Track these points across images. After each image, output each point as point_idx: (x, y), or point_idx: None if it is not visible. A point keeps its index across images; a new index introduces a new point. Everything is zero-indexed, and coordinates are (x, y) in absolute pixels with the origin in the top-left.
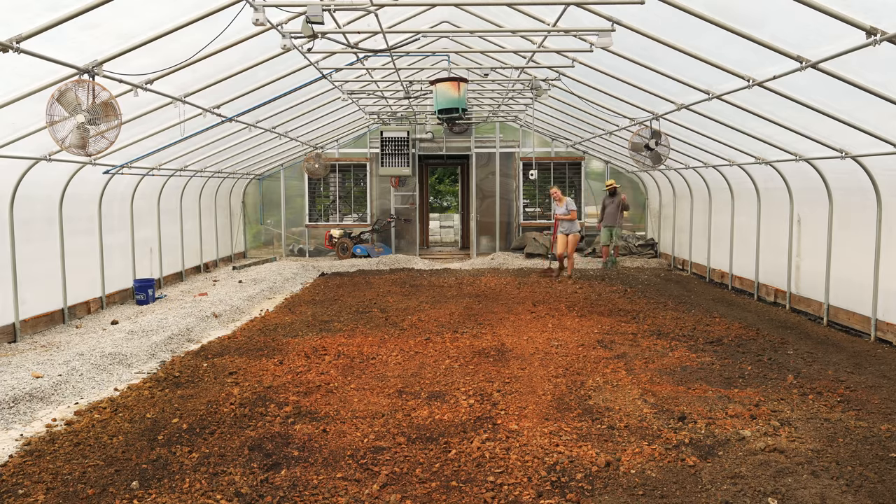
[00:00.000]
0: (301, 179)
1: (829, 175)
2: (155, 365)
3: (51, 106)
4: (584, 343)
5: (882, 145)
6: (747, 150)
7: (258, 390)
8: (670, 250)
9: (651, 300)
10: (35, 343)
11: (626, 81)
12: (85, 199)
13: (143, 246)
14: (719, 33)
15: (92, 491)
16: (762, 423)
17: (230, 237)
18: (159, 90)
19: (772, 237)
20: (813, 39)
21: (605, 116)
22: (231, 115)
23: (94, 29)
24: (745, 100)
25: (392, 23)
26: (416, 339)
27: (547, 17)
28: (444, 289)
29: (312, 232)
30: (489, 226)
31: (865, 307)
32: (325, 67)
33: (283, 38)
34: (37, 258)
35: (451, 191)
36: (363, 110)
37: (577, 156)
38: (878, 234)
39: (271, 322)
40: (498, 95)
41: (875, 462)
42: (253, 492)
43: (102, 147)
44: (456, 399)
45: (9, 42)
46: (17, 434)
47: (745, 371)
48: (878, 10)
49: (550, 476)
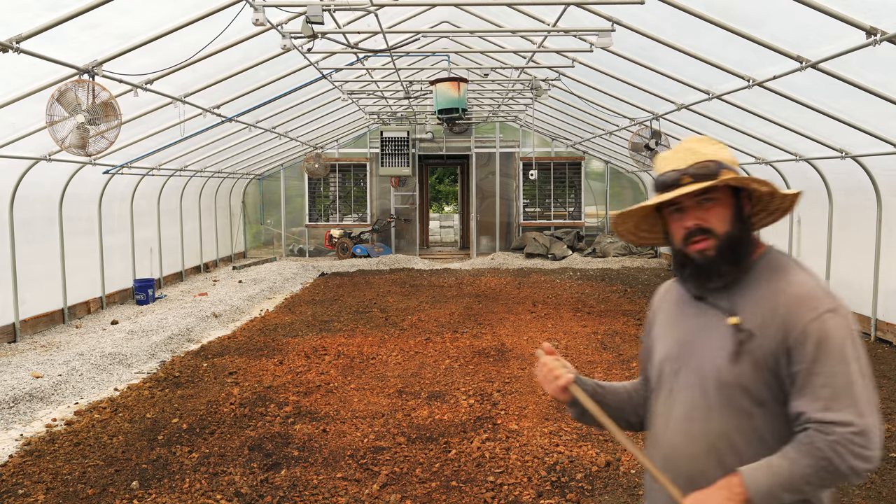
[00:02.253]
0: (301, 179)
1: (829, 175)
2: (155, 365)
3: (51, 106)
4: (585, 343)
5: (882, 145)
6: (747, 150)
7: (258, 390)
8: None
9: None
10: (35, 343)
11: (626, 81)
12: (85, 199)
13: (143, 246)
14: (719, 33)
15: (92, 491)
16: None
17: (230, 237)
18: (159, 90)
19: (772, 237)
20: (813, 39)
21: (605, 116)
22: (231, 115)
23: (94, 29)
24: (745, 100)
25: (392, 23)
26: (416, 339)
27: (547, 17)
28: (444, 289)
29: (312, 232)
30: (489, 226)
31: (865, 307)
32: (325, 67)
33: (283, 38)
34: (37, 258)
35: (451, 191)
36: (363, 110)
37: (577, 156)
38: (878, 234)
39: (271, 322)
40: (498, 95)
41: None
42: (253, 492)
43: (102, 147)
44: (456, 399)
45: (9, 42)
46: (17, 434)
47: None
48: (878, 10)
49: (550, 476)
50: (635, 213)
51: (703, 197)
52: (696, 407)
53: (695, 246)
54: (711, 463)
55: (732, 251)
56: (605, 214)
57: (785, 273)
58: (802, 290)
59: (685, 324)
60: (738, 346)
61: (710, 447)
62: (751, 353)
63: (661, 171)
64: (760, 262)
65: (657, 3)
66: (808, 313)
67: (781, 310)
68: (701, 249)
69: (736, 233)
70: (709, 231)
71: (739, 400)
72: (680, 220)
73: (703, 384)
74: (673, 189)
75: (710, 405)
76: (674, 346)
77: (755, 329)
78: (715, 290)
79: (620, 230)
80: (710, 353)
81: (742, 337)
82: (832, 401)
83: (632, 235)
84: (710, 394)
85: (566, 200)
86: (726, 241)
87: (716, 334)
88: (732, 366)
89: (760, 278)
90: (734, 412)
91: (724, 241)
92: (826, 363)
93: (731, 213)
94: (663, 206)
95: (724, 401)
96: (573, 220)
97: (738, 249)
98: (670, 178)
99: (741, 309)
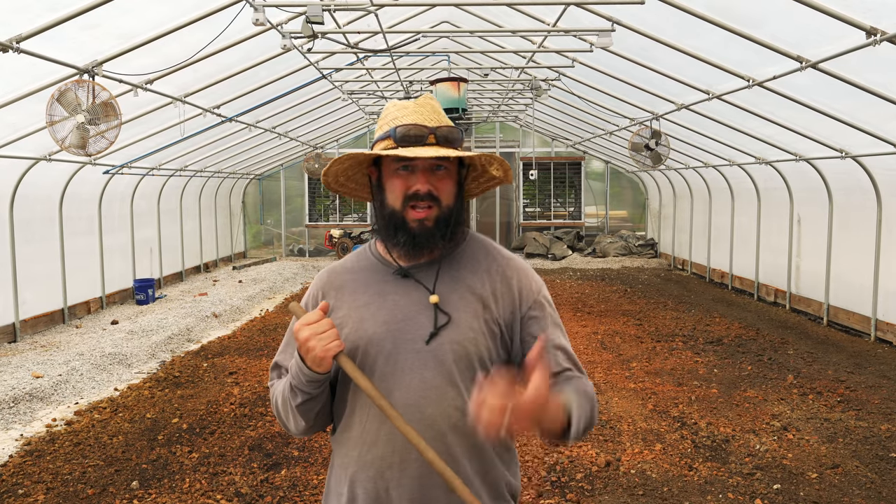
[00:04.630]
0: (301, 179)
1: (829, 175)
2: (155, 365)
3: (51, 106)
4: (585, 343)
5: (882, 145)
6: (747, 150)
7: (258, 390)
8: (670, 250)
9: (651, 300)
10: (35, 343)
11: (626, 81)
12: (85, 198)
13: (143, 246)
14: (719, 33)
15: (92, 491)
16: (762, 424)
17: (230, 237)
18: (159, 90)
19: (772, 237)
20: (813, 39)
21: (605, 116)
22: (231, 115)
23: (94, 29)
24: (745, 100)
25: (392, 23)
26: None
27: (547, 18)
28: None
29: (312, 232)
30: (489, 226)
31: (865, 307)
32: (325, 67)
33: (283, 38)
34: (37, 258)
35: None
36: (363, 110)
37: (578, 156)
38: (878, 234)
39: (271, 322)
40: (498, 95)
41: (875, 462)
42: (253, 492)
43: (102, 147)
44: None
45: (9, 42)
46: (17, 434)
47: (745, 371)
48: (878, 10)
49: (550, 476)
50: (356, 157)
51: (438, 163)
52: (427, 387)
53: (417, 213)
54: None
55: (449, 225)
56: (605, 214)
57: (496, 249)
58: (522, 264)
59: (389, 303)
60: (437, 328)
61: (451, 426)
62: (486, 321)
63: (402, 121)
64: (471, 240)
65: (657, 3)
66: (535, 285)
67: (513, 282)
68: (422, 218)
69: (456, 207)
70: (437, 199)
71: (473, 370)
72: (406, 180)
73: (425, 363)
74: (416, 146)
75: (440, 383)
76: (381, 327)
77: (488, 298)
78: (422, 266)
79: (329, 176)
80: (427, 331)
81: (442, 321)
82: (568, 360)
83: (337, 184)
84: (440, 371)
85: (566, 200)
86: (447, 213)
87: (428, 312)
88: (450, 342)
89: (477, 254)
90: (468, 384)
91: (445, 213)
92: (555, 328)
93: (455, 186)
94: (389, 158)
95: (457, 375)
96: (573, 220)
97: (455, 224)
98: (415, 132)
99: (465, 282)
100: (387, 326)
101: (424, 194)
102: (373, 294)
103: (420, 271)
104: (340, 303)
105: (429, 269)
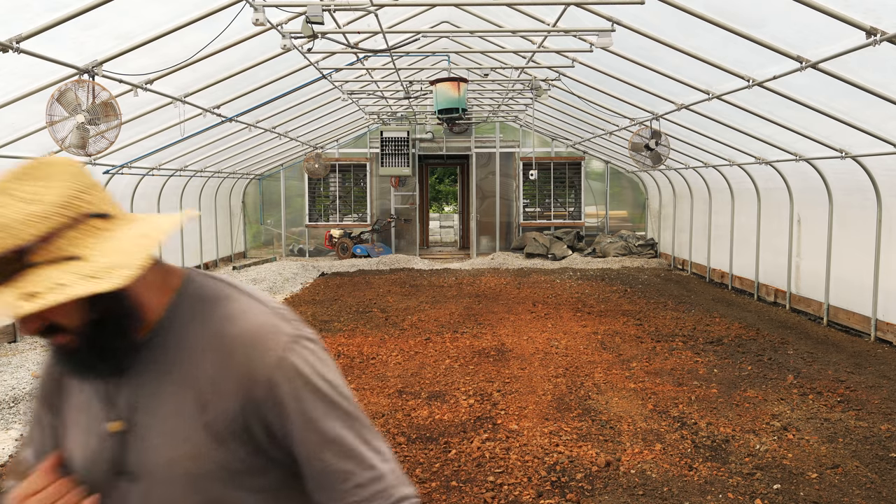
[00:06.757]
0: (301, 179)
1: (829, 175)
2: None
3: (51, 106)
4: (585, 343)
5: (882, 145)
6: (747, 150)
7: None
8: (670, 250)
9: (651, 300)
10: (35, 343)
11: (626, 81)
12: None
13: None
14: (719, 33)
15: None
16: (762, 424)
17: (230, 237)
18: (159, 90)
19: (772, 237)
20: (813, 39)
21: (605, 116)
22: (231, 115)
23: (94, 29)
24: (745, 100)
25: (392, 23)
26: (416, 339)
27: (547, 18)
28: (444, 289)
29: (312, 232)
30: (489, 226)
31: (865, 307)
32: (325, 67)
33: (283, 38)
34: None
35: (451, 191)
36: (363, 110)
37: (578, 156)
38: (878, 234)
39: None
40: (498, 95)
41: (875, 462)
42: None
43: (102, 147)
44: (456, 399)
45: (9, 42)
46: (18, 434)
47: (745, 371)
48: (878, 10)
49: (550, 476)
50: None
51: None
52: None
53: (55, 341)
54: None
55: (106, 332)
56: (605, 214)
57: (218, 307)
58: (250, 326)
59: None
60: (119, 454)
61: None
62: (214, 431)
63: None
64: (179, 307)
65: (657, 3)
66: (266, 357)
67: (229, 360)
68: (62, 344)
69: (100, 314)
70: (59, 327)
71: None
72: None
73: (157, 491)
74: None
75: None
76: (97, 444)
77: (208, 398)
78: (109, 375)
79: None
80: (161, 451)
81: (117, 447)
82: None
83: None
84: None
85: (566, 200)
86: (91, 328)
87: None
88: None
89: (186, 328)
90: None
91: (87, 330)
92: (317, 425)
93: (80, 301)
94: None
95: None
96: (573, 220)
97: (115, 326)
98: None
99: (174, 380)
100: (102, 444)
101: (44, 329)
102: (85, 398)
103: (108, 381)
104: (66, 399)
105: (118, 379)
